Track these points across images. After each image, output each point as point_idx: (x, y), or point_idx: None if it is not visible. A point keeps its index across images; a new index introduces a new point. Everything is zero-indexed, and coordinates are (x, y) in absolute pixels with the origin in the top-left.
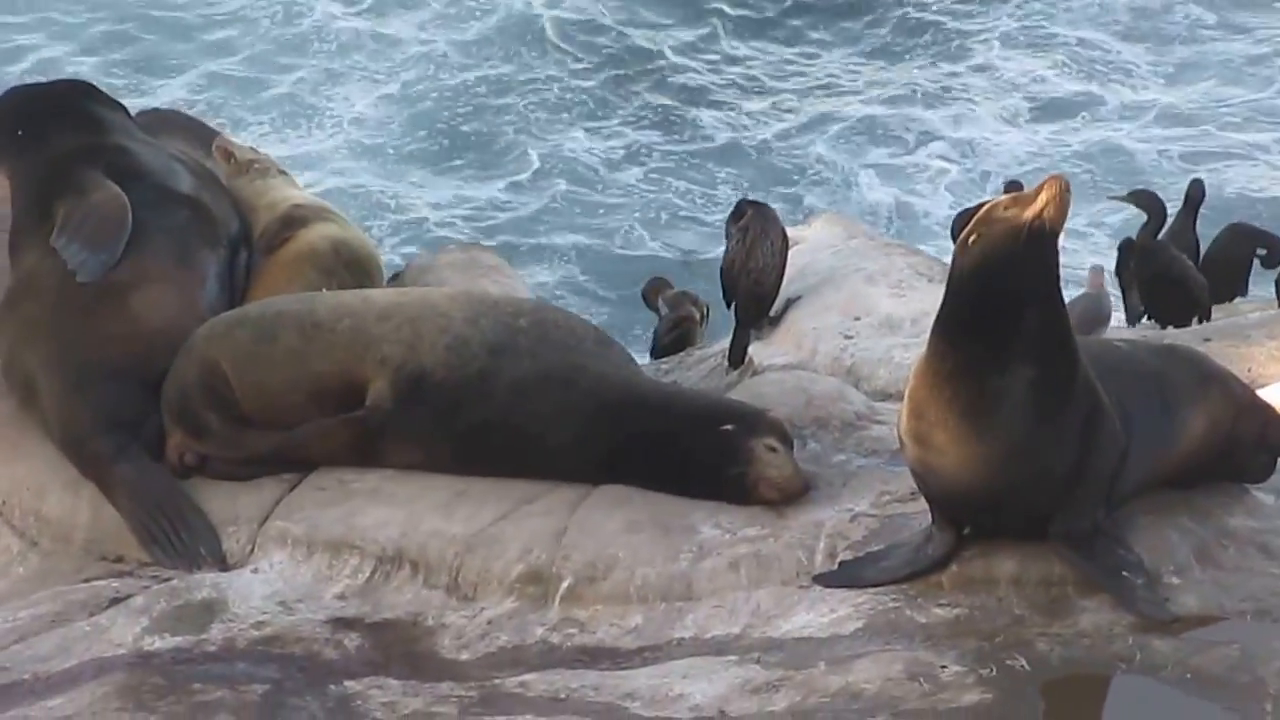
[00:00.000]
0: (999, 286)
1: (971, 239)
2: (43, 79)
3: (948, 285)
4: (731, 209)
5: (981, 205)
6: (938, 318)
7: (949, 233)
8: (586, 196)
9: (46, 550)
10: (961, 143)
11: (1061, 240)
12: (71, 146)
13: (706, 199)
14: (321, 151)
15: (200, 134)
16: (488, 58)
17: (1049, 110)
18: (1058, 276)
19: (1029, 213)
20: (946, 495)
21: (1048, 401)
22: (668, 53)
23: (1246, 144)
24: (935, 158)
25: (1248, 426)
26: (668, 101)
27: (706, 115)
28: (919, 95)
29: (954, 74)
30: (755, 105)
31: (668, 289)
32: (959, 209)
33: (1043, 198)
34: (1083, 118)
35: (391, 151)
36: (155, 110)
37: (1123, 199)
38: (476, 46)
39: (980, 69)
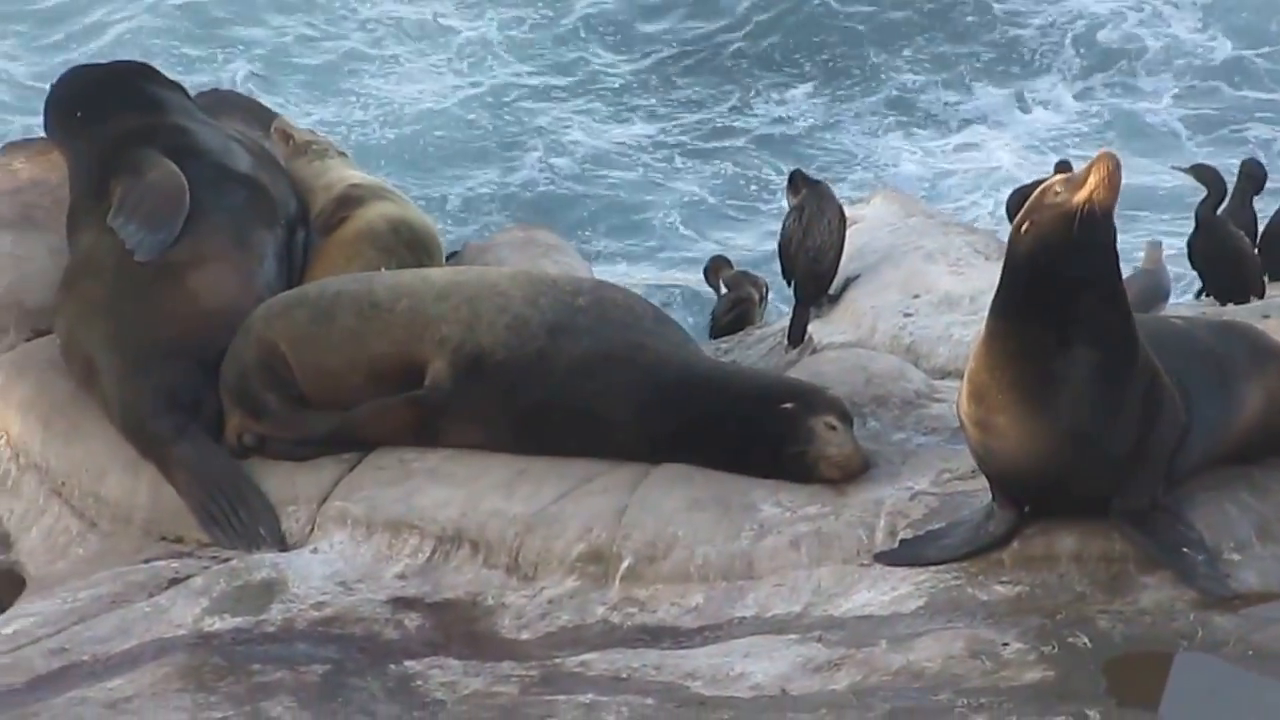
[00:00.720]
0: (1055, 272)
1: (1024, 227)
2: (102, 60)
3: (1003, 269)
4: (787, 181)
5: (1036, 184)
6: (995, 301)
7: (1004, 211)
8: (626, 179)
9: (106, 531)
10: (1010, 122)
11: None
12: (129, 127)
13: (758, 185)
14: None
15: (259, 115)
16: (532, 46)
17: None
18: (1115, 257)
19: (1079, 197)
20: (1007, 476)
21: (1108, 384)
22: (709, 37)
23: None
24: (984, 137)
25: None
26: (709, 88)
27: (756, 100)
28: (964, 77)
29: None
30: (800, 90)
31: (728, 268)
32: (1014, 188)
33: (1092, 180)
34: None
35: (431, 141)
36: (214, 90)
37: (1185, 170)
38: (524, 35)
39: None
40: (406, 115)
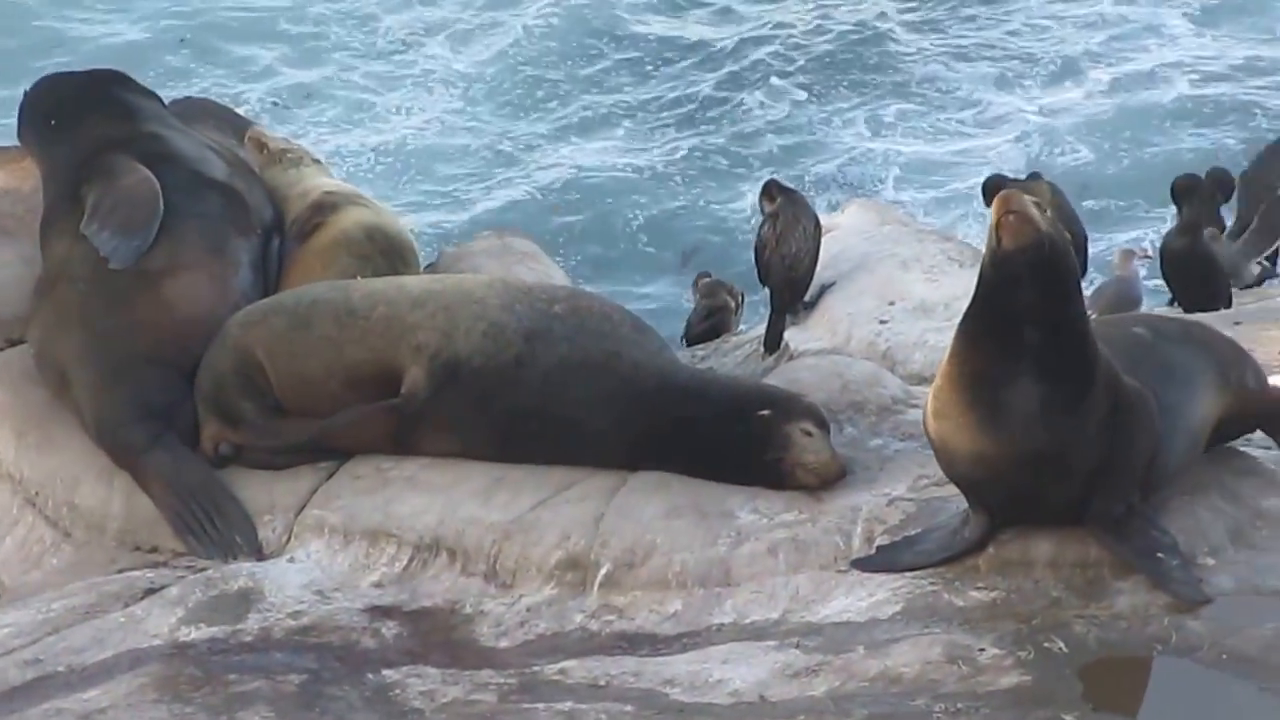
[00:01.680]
0: (999, 304)
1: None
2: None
3: (974, 288)
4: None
5: (1003, 179)
6: (961, 319)
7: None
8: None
9: (80, 541)
10: (995, 120)
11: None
12: (103, 134)
13: (736, 186)
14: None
15: (233, 122)
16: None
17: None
18: (1062, 285)
19: (990, 240)
20: (971, 490)
21: (1061, 411)
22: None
23: None
24: (969, 138)
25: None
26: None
27: (747, 99)
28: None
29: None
30: (785, 92)
31: (704, 277)
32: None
33: (991, 222)
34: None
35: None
36: (188, 98)
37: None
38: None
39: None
40: (394, 138)
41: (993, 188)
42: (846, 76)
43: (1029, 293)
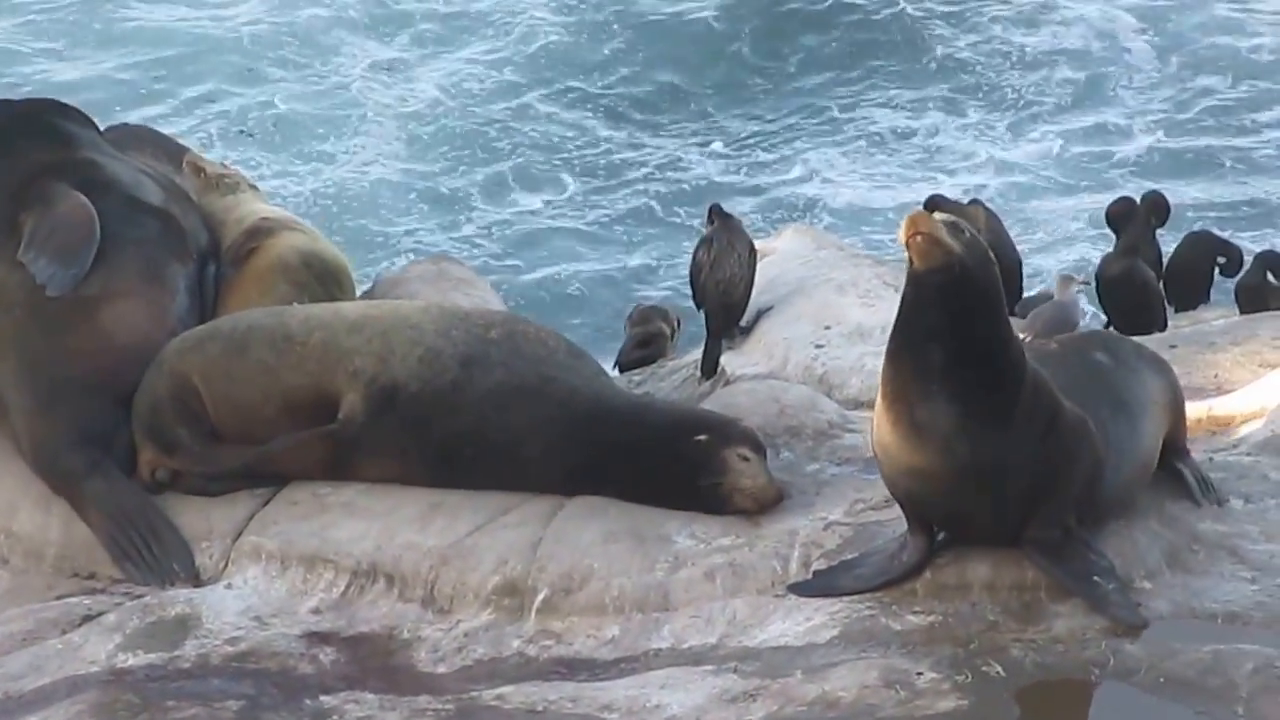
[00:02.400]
0: (914, 323)
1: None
2: (9, 97)
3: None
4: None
5: (936, 201)
6: (889, 337)
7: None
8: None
9: (17, 568)
10: (937, 151)
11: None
12: (39, 161)
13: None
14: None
15: (169, 149)
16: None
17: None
18: (969, 306)
19: (907, 262)
20: (908, 503)
21: (979, 429)
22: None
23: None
24: (904, 167)
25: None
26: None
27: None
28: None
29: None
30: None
31: (641, 306)
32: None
33: (901, 239)
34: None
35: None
36: (124, 125)
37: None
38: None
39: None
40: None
41: (930, 208)
42: (794, 118)
43: (938, 313)
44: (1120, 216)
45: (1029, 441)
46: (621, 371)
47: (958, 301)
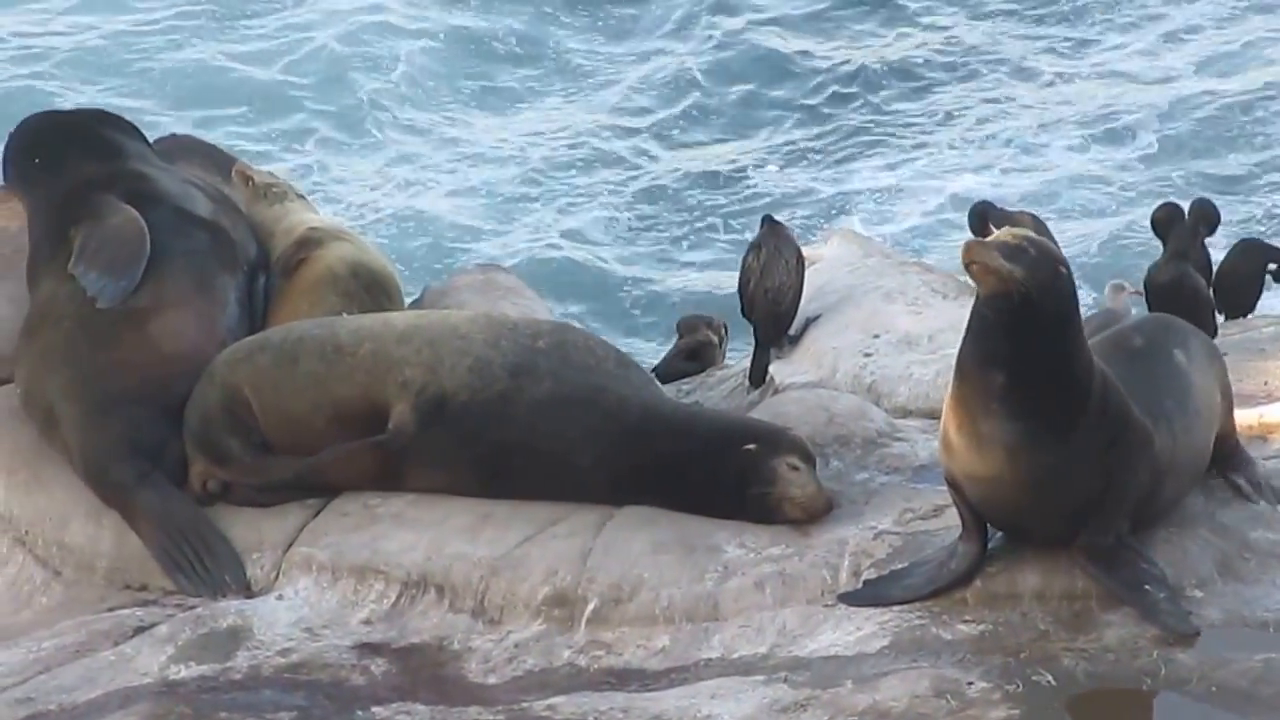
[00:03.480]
0: (978, 342)
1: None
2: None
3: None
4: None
5: (987, 205)
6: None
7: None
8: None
9: (70, 580)
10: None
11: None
12: (89, 173)
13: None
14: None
15: (218, 159)
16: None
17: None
18: (1031, 328)
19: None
20: (971, 507)
21: (1043, 444)
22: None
23: None
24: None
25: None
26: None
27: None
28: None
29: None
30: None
31: (688, 316)
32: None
33: (963, 262)
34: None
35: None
36: (173, 136)
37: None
38: None
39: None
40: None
41: (978, 215)
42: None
43: (1000, 338)
44: (1165, 222)
45: (1091, 454)
46: (663, 382)
47: (1020, 327)
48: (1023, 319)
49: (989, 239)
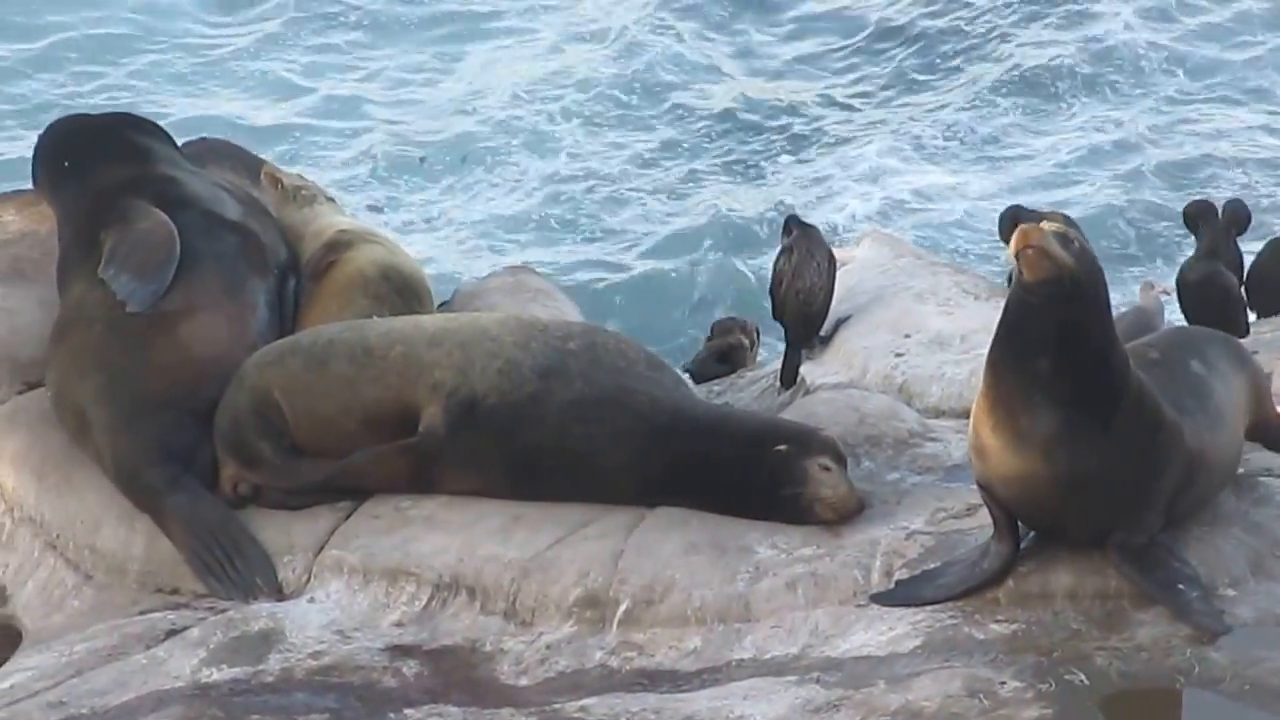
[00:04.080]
0: (1019, 332)
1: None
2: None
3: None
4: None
5: (1018, 209)
6: (990, 344)
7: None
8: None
9: (101, 583)
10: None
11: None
12: (118, 177)
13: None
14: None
15: (247, 162)
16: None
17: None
18: (1076, 318)
19: (1016, 273)
20: (1001, 508)
21: (1081, 438)
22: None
23: None
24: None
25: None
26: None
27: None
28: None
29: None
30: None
31: (721, 318)
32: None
33: (1011, 252)
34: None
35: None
36: (202, 139)
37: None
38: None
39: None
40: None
41: (1009, 219)
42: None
43: (1046, 324)
44: (1196, 216)
45: (1128, 452)
46: (695, 384)
47: (1066, 313)
48: (1069, 306)
49: (1042, 223)
